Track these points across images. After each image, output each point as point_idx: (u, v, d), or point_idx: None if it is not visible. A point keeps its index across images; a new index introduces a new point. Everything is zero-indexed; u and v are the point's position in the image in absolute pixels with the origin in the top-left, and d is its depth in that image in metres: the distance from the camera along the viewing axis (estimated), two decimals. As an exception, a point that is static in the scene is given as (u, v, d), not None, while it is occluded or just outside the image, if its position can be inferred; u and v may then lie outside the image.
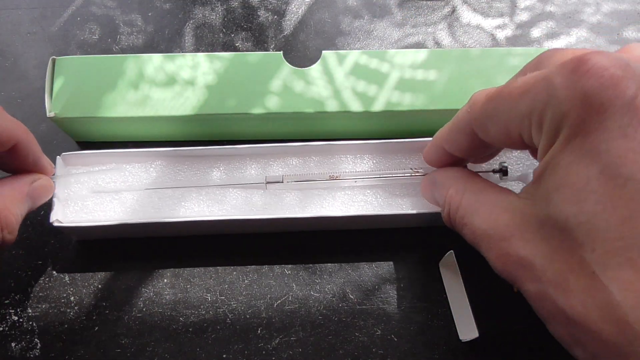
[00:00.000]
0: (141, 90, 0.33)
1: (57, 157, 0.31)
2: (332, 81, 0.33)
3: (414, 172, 0.31)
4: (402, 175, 0.31)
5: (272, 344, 0.30)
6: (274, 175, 0.32)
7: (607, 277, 0.17)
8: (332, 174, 0.31)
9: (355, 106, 0.33)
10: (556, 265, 0.18)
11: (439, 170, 0.28)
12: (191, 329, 0.30)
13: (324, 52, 0.34)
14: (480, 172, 0.29)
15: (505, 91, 0.21)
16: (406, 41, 0.40)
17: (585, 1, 0.42)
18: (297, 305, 0.31)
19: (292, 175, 0.32)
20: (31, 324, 0.30)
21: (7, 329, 0.30)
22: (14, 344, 0.30)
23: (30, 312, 0.31)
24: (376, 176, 0.31)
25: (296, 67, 0.33)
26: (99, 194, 0.32)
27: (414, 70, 0.33)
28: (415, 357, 0.30)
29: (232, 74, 0.33)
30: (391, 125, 0.34)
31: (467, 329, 0.28)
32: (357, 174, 0.32)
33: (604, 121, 0.18)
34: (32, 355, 0.29)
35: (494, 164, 0.32)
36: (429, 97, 0.33)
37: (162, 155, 0.33)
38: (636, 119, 0.17)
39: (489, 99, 0.22)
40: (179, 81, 0.33)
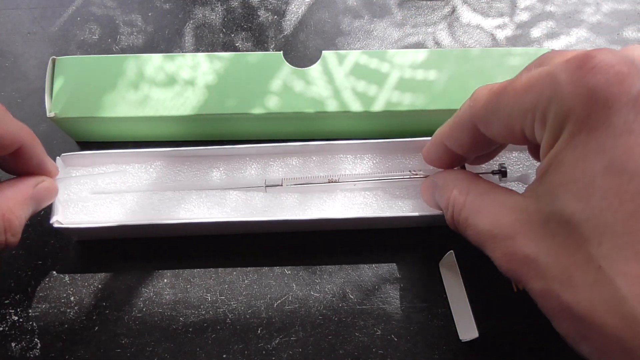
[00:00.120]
0: (141, 90, 0.33)
1: (57, 157, 0.31)
2: (332, 81, 0.33)
3: (413, 175, 0.31)
4: (401, 177, 0.31)
5: (272, 344, 0.30)
6: (274, 176, 0.32)
7: (613, 272, 0.17)
8: (331, 178, 0.31)
9: (355, 106, 0.33)
10: (561, 261, 0.18)
11: (440, 172, 0.28)
12: (191, 329, 0.30)
13: (324, 52, 0.34)
14: (479, 174, 0.29)
15: (509, 87, 0.21)
16: (406, 41, 0.40)
17: (585, 1, 0.42)
18: (297, 305, 0.31)
19: (292, 178, 0.32)
20: (31, 324, 0.30)
21: (7, 329, 0.30)
22: (14, 344, 0.30)
23: (30, 312, 0.31)
24: (375, 179, 0.31)
25: (296, 67, 0.33)
26: (99, 195, 0.32)
27: (414, 70, 0.33)
28: (415, 357, 0.30)
29: (232, 74, 0.33)
30: (391, 125, 0.34)
31: (467, 329, 0.28)
32: (356, 177, 0.32)
33: (609, 117, 0.18)
34: (32, 355, 0.29)
35: (494, 166, 0.32)
36: (429, 97, 0.33)
37: (162, 155, 0.33)
38: None
39: (492, 93, 0.22)
40: (179, 81, 0.33)
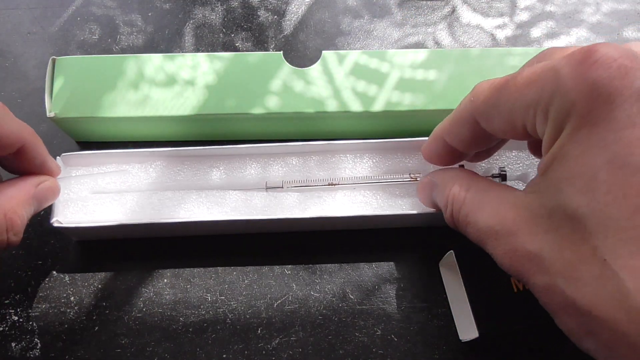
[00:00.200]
0: (141, 90, 0.33)
1: (57, 157, 0.31)
2: (332, 81, 0.33)
3: (412, 178, 0.31)
4: (400, 181, 0.31)
5: (272, 344, 0.30)
6: (274, 176, 0.32)
7: (618, 265, 0.17)
8: (331, 181, 0.31)
9: (355, 106, 0.33)
10: (565, 256, 0.18)
11: (437, 171, 0.28)
12: (191, 329, 0.30)
13: (324, 52, 0.34)
14: None
15: (510, 81, 0.21)
16: (406, 41, 0.40)
17: (585, 1, 0.42)
18: (297, 305, 0.31)
19: (292, 180, 0.32)
20: (31, 324, 0.30)
21: (7, 329, 0.30)
22: (14, 344, 0.30)
23: (30, 312, 0.31)
24: (374, 182, 0.32)
25: (296, 67, 0.33)
26: (99, 195, 0.32)
27: (413, 70, 0.33)
28: (415, 357, 0.30)
29: (232, 74, 0.33)
30: (391, 125, 0.34)
31: (467, 329, 0.28)
32: (356, 179, 0.32)
33: (612, 111, 0.18)
34: (32, 355, 0.29)
35: (493, 168, 0.32)
36: (429, 97, 0.33)
37: (162, 155, 0.33)
38: None
39: (493, 88, 0.22)
40: (179, 81, 0.33)
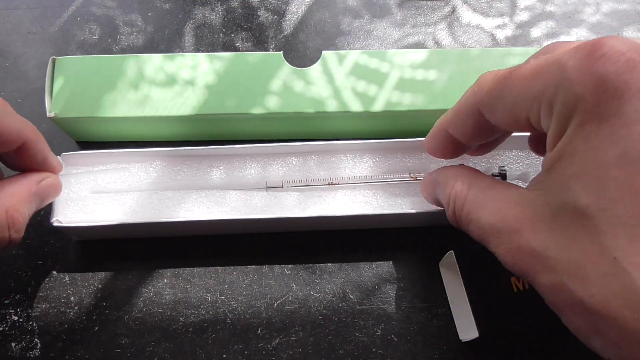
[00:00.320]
0: (141, 90, 0.33)
1: (57, 157, 0.31)
2: (332, 81, 0.33)
3: (412, 178, 0.31)
4: (400, 180, 0.31)
5: (272, 344, 0.30)
6: (274, 176, 0.32)
7: (629, 263, 0.17)
8: (331, 181, 0.31)
9: (355, 106, 0.33)
10: (572, 254, 0.18)
11: (440, 168, 0.28)
12: (191, 329, 0.30)
13: (324, 52, 0.34)
14: None
15: (515, 73, 0.21)
16: (406, 41, 0.40)
17: (585, 1, 0.42)
18: (297, 305, 0.31)
19: (292, 180, 0.32)
20: (31, 324, 0.30)
21: (7, 329, 0.30)
22: (14, 344, 0.30)
23: (30, 312, 0.31)
24: (374, 181, 0.32)
25: (296, 67, 0.33)
26: (99, 194, 0.32)
27: (413, 70, 0.33)
28: (415, 357, 0.30)
29: (232, 74, 0.33)
30: (391, 125, 0.34)
31: (467, 329, 0.28)
32: (356, 179, 0.32)
33: (621, 106, 0.17)
34: (32, 355, 0.29)
35: (493, 169, 0.32)
36: (429, 97, 0.33)
37: (162, 155, 0.33)
38: None
39: (497, 79, 0.22)
40: (179, 81, 0.33)
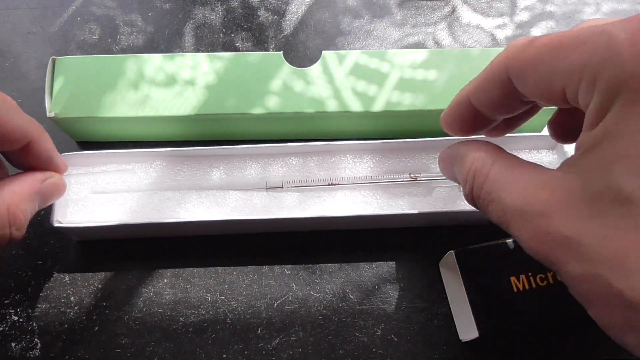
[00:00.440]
0: (141, 90, 0.33)
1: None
2: (332, 81, 0.33)
3: (412, 177, 0.31)
4: (400, 180, 0.31)
5: (272, 344, 0.30)
6: (274, 176, 0.32)
7: None
8: (331, 181, 0.31)
9: (355, 106, 0.33)
10: (612, 243, 0.17)
11: (460, 142, 0.25)
12: (191, 329, 0.30)
13: (324, 52, 0.34)
14: None
15: (555, 39, 0.19)
16: (406, 41, 0.40)
17: (585, 1, 0.42)
18: (297, 305, 0.31)
19: (292, 181, 0.32)
20: (31, 324, 0.30)
21: (7, 329, 0.30)
22: (14, 344, 0.30)
23: (30, 312, 0.31)
24: (374, 182, 0.32)
25: (296, 67, 0.33)
26: (99, 195, 0.32)
27: (413, 70, 0.33)
28: (415, 357, 0.30)
29: (232, 74, 0.33)
30: (391, 125, 0.34)
31: (467, 329, 0.28)
32: (356, 179, 0.32)
33: None
34: (32, 355, 0.29)
35: None
36: (429, 97, 0.33)
37: (162, 155, 0.33)
38: None
39: (533, 44, 0.20)
40: (179, 81, 0.33)
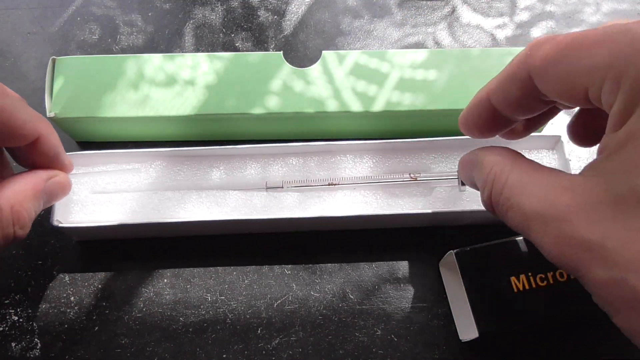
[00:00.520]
0: (141, 90, 0.33)
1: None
2: (332, 81, 0.33)
3: (412, 177, 0.31)
4: (400, 180, 0.31)
5: (272, 344, 0.30)
6: (274, 176, 0.32)
7: None
8: (331, 181, 0.31)
9: (355, 106, 0.33)
10: (637, 246, 0.16)
11: (479, 148, 0.25)
12: (191, 329, 0.30)
13: (324, 52, 0.34)
14: None
15: (578, 37, 0.19)
16: (406, 41, 0.40)
17: (585, 1, 0.42)
18: (297, 305, 0.31)
19: (292, 181, 0.32)
20: (31, 324, 0.30)
21: (7, 329, 0.30)
22: (14, 344, 0.30)
23: (30, 312, 0.31)
24: (374, 182, 0.32)
25: (296, 67, 0.33)
26: (99, 195, 0.32)
27: (413, 70, 0.33)
28: (415, 357, 0.30)
29: (232, 74, 0.33)
30: (391, 125, 0.34)
31: (467, 329, 0.28)
32: (356, 179, 0.32)
33: None
34: (32, 355, 0.29)
35: None
36: (429, 97, 0.33)
37: (162, 155, 0.33)
38: None
39: (556, 43, 0.20)
40: (179, 81, 0.33)
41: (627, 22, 0.18)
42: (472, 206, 0.32)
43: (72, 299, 0.31)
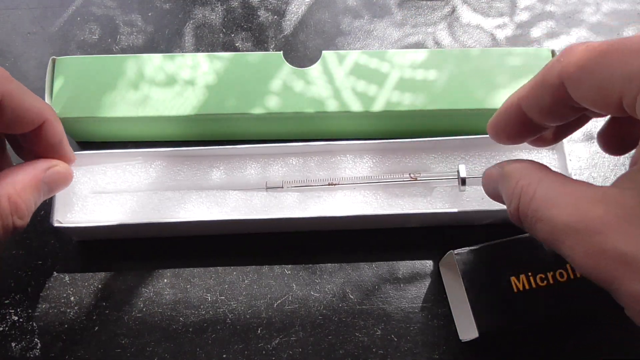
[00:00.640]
0: (141, 90, 0.33)
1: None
2: (332, 81, 0.33)
3: (412, 177, 0.31)
4: (400, 180, 0.31)
5: (272, 344, 0.30)
6: (274, 176, 0.32)
7: None
8: (331, 181, 0.31)
9: (355, 106, 0.33)
10: None
11: (505, 161, 0.25)
12: (191, 329, 0.30)
13: (324, 52, 0.34)
14: None
15: (614, 45, 0.19)
16: (406, 41, 0.40)
17: (585, 1, 0.42)
18: (297, 305, 0.31)
19: (292, 181, 0.32)
20: (31, 324, 0.30)
21: (7, 329, 0.30)
22: (14, 344, 0.30)
23: (30, 312, 0.31)
24: (374, 182, 0.32)
25: (296, 67, 0.33)
26: (99, 195, 0.32)
27: (413, 70, 0.33)
28: (415, 357, 0.30)
29: (232, 74, 0.33)
30: (391, 125, 0.34)
31: (467, 329, 0.28)
32: (356, 179, 0.32)
33: None
34: (32, 355, 0.29)
35: None
36: (429, 97, 0.33)
37: (162, 155, 0.33)
38: None
39: (591, 49, 0.19)
40: (179, 81, 0.33)
41: None
42: (472, 206, 0.32)
43: (72, 299, 0.31)
